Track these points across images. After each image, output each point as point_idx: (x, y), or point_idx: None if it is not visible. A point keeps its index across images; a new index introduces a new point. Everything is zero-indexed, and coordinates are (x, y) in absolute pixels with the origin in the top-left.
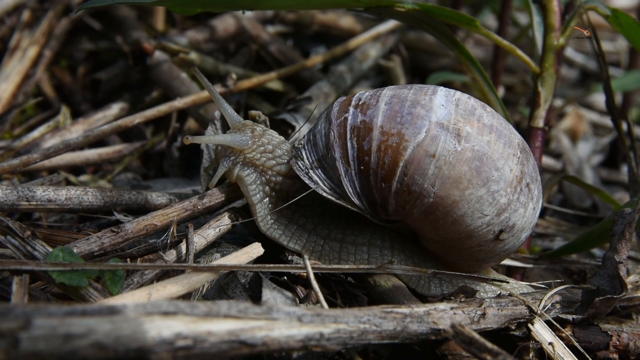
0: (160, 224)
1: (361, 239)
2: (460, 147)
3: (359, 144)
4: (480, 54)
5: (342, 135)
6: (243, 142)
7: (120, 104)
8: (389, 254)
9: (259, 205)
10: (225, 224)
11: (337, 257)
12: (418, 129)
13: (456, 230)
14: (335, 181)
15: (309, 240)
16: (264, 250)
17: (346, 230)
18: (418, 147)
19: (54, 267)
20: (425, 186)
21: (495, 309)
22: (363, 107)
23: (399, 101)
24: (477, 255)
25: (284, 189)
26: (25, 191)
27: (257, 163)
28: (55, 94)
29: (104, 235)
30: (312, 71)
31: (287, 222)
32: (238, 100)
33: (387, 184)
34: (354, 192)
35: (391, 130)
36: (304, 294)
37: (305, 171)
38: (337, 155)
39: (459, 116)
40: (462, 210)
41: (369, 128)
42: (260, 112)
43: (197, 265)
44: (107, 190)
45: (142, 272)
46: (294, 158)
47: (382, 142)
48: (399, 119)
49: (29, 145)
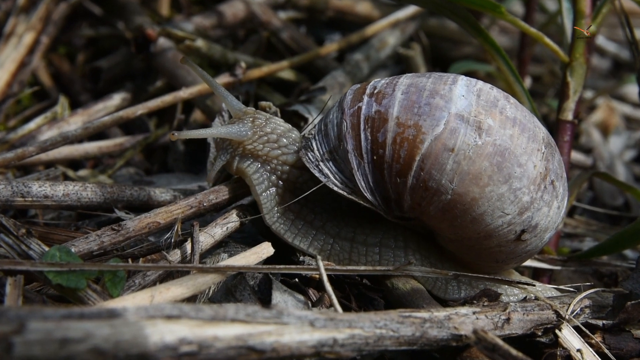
0: (164, 222)
1: (373, 238)
2: (480, 141)
3: (373, 135)
4: (505, 42)
5: (356, 125)
6: (241, 133)
7: (121, 94)
8: (402, 255)
9: (264, 196)
10: (233, 222)
11: (348, 258)
12: (436, 121)
13: (475, 229)
14: (347, 175)
15: (317, 239)
16: (274, 251)
17: (357, 229)
18: (436, 140)
19: (51, 267)
20: (443, 182)
21: (520, 313)
22: (378, 96)
23: (417, 90)
24: (497, 256)
25: (291, 179)
26: (20, 186)
27: (260, 154)
28: (52, 83)
29: (103, 233)
30: (326, 60)
31: (294, 218)
32: (247, 90)
33: (403, 179)
34: (366, 186)
35: (408, 121)
36: (317, 297)
37: (316, 163)
38: (349, 147)
39: (481, 108)
40: (481, 208)
41: (384, 119)
42: (270, 103)
43: (202, 266)
44: (108, 186)
45: (144, 273)
46: (303, 149)
47: (398, 134)
48: (416, 110)
49: (25, 137)
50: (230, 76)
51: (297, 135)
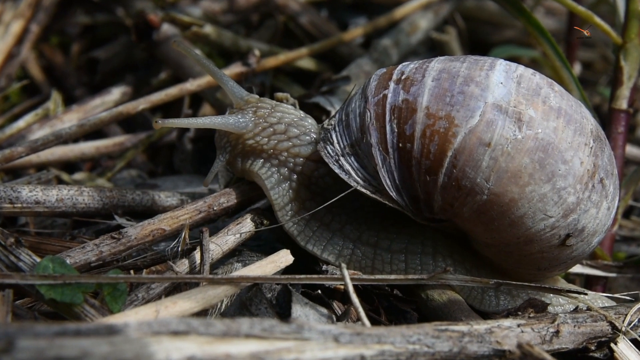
0: (170, 229)
1: (398, 244)
2: (520, 135)
3: (399, 127)
4: (552, 25)
5: (380, 116)
6: (239, 124)
7: (121, 87)
8: (430, 262)
9: (276, 191)
10: (247, 228)
11: (371, 266)
12: (471, 112)
13: (514, 233)
14: (371, 171)
15: (333, 243)
16: (293, 259)
17: (380, 233)
18: (470, 133)
19: (43, 280)
20: (478, 181)
21: (570, 325)
22: (406, 83)
23: (449, 77)
24: (539, 262)
25: (305, 172)
26: (8, 191)
27: (264, 147)
28: (44, 77)
29: (102, 242)
30: (350, 46)
31: (309, 218)
32: (262, 81)
33: (433, 177)
34: (392, 185)
35: (439, 112)
36: (342, 310)
37: (335, 158)
38: (373, 141)
39: (521, 97)
40: (521, 210)
41: (412, 109)
42: (288, 95)
43: (213, 277)
44: (107, 190)
45: (148, 286)
46: (322, 141)
47: (428, 127)
48: (449, 99)
49: (13, 137)
50: (242, 66)
51: (312, 123)
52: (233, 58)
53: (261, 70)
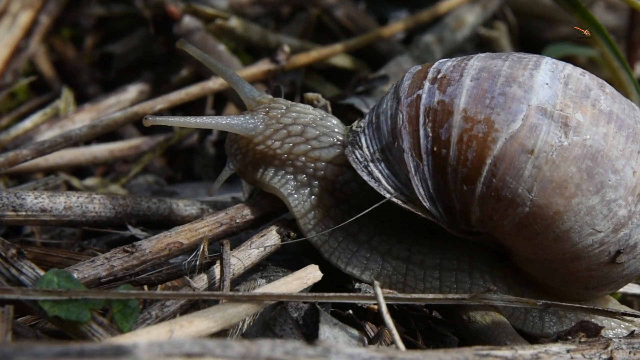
0: (188, 243)
1: (431, 259)
2: (567, 141)
3: (434, 131)
4: (611, 21)
5: (413, 119)
6: (246, 126)
7: (138, 85)
8: (466, 280)
9: (294, 198)
10: (272, 242)
11: (402, 282)
12: (512, 116)
13: (559, 249)
14: (402, 179)
15: (359, 256)
16: (322, 275)
17: (412, 247)
18: (512, 139)
19: (46, 295)
20: (520, 191)
21: (625, 352)
22: (442, 83)
23: (490, 76)
24: (587, 281)
25: (328, 177)
26: (12, 198)
27: (277, 153)
28: (54, 73)
29: (114, 256)
30: (390, 42)
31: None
32: (293, 80)
33: (470, 186)
34: (426, 194)
35: (477, 115)
36: (375, 332)
37: (364, 164)
38: (405, 146)
39: (568, 99)
40: (567, 224)
41: (448, 111)
42: (319, 95)
43: (234, 294)
44: (120, 198)
45: (163, 303)
46: (350, 145)
47: (465, 131)
48: (488, 101)
49: (19, 138)
50: (271, 63)
51: (335, 123)
52: (261, 54)
53: (291, 68)
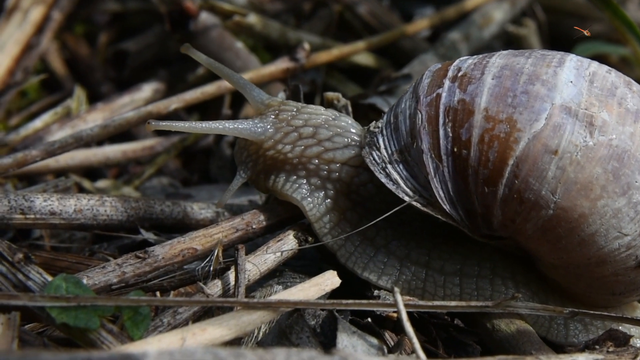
0: (202, 249)
1: (452, 265)
2: (592, 141)
3: (454, 132)
4: None
5: (433, 118)
6: (255, 130)
7: (153, 84)
8: (487, 287)
9: (309, 201)
10: (289, 246)
11: (422, 288)
12: (535, 115)
13: (584, 253)
14: (422, 181)
15: (377, 261)
16: (340, 281)
17: (432, 252)
18: (535, 139)
19: (54, 301)
20: (543, 193)
21: None
22: (463, 81)
23: (512, 74)
24: (613, 286)
25: (344, 179)
26: (20, 200)
27: (288, 157)
28: (66, 71)
29: (125, 262)
30: (414, 40)
31: (350, 231)
32: (313, 78)
33: (492, 189)
34: (446, 197)
35: (499, 114)
36: (395, 341)
37: (382, 165)
38: (424, 147)
39: (593, 97)
40: (592, 227)
41: (469, 110)
42: (339, 95)
43: (249, 301)
44: (132, 200)
45: (175, 310)
46: (367, 146)
47: (486, 131)
48: (510, 100)
49: (29, 138)
50: (290, 61)
51: (350, 123)
52: (280, 52)
53: (311, 67)
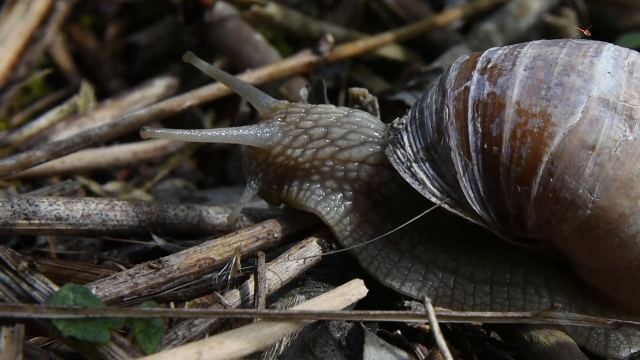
0: (220, 259)
1: (482, 272)
2: (632, 136)
3: (484, 127)
4: None
5: (461, 113)
6: (261, 135)
7: (166, 79)
8: (519, 296)
9: (324, 205)
10: (312, 253)
11: (449, 295)
12: (571, 108)
13: (624, 256)
14: (450, 181)
15: (400, 266)
16: (367, 291)
17: (461, 257)
18: (570, 134)
19: (61, 313)
20: (580, 192)
21: None
22: (493, 73)
23: (546, 65)
24: None
25: (363, 178)
26: (24, 204)
27: (299, 161)
28: (72, 65)
29: (137, 272)
30: (445, 32)
31: (373, 233)
32: (337, 73)
33: (525, 187)
34: (476, 197)
35: (532, 108)
36: (426, 355)
37: (407, 164)
38: (452, 143)
39: (633, 89)
40: (633, 227)
41: (499, 104)
42: (365, 91)
43: (269, 312)
44: (144, 204)
45: (191, 322)
46: (390, 144)
47: (519, 126)
48: (544, 92)
49: (33, 138)
50: (312, 54)
51: (366, 118)
52: (302, 45)
53: (335, 60)
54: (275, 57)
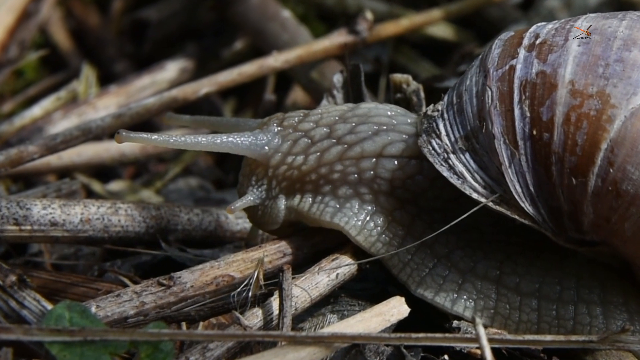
0: (241, 277)
1: (528, 283)
2: None
3: (533, 111)
4: None
5: (506, 96)
6: (258, 142)
7: (179, 61)
8: (569, 315)
9: (340, 216)
10: (346, 266)
11: (492, 308)
12: (633, 87)
13: None
14: (493, 173)
15: (435, 274)
16: (409, 310)
17: (504, 264)
18: (633, 117)
19: (55, 335)
20: None
21: None
22: (542, 49)
23: (603, 39)
24: None
25: (380, 174)
26: (14, 208)
27: (304, 169)
28: (71, 45)
29: (145, 290)
30: (503, 8)
31: (404, 234)
32: (377, 55)
33: (581, 180)
34: (524, 192)
35: (588, 88)
36: None
37: (444, 156)
38: (496, 130)
39: None
40: None
41: (550, 84)
42: (409, 78)
43: (296, 335)
44: (152, 207)
45: (205, 346)
46: (424, 133)
47: (573, 109)
48: (602, 70)
49: (25, 130)
50: (348, 34)
51: (376, 106)
52: (336, 22)
53: (375, 41)
54: (305, 36)
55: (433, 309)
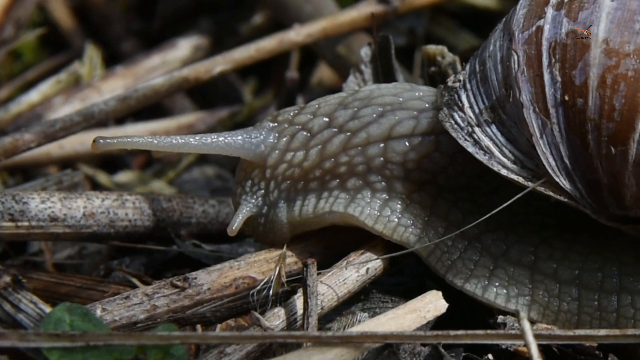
0: (262, 278)
1: (566, 270)
2: None
3: (565, 74)
4: None
5: (534, 59)
6: (253, 140)
7: (192, 38)
8: (612, 305)
9: (354, 206)
10: (376, 259)
11: (529, 296)
12: None
13: None
14: (523, 146)
15: (466, 258)
16: (447, 305)
17: (539, 248)
18: None
19: (54, 341)
20: None
21: None
22: (572, 7)
23: None
24: None
25: (391, 159)
26: (9, 202)
27: (305, 166)
28: (73, 23)
29: (157, 292)
30: None
31: (428, 217)
32: (411, 26)
33: (620, 148)
34: (558, 165)
35: (624, 46)
36: None
37: (468, 130)
38: (524, 98)
39: None
40: None
41: (582, 44)
42: (444, 49)
43: (322, 335)
44: (163, 200)
45: (222, 350)
46: (445, 107)
47: (609, 70)
48: (639, 26)
49: (22, 116)
50: (378, 3)
51: (379, 86)
52: None
53: (408, 11)
54: (331, 7)
55: (474, 302)
